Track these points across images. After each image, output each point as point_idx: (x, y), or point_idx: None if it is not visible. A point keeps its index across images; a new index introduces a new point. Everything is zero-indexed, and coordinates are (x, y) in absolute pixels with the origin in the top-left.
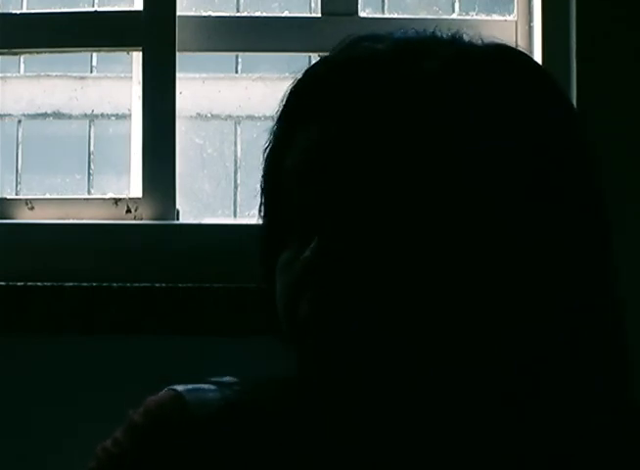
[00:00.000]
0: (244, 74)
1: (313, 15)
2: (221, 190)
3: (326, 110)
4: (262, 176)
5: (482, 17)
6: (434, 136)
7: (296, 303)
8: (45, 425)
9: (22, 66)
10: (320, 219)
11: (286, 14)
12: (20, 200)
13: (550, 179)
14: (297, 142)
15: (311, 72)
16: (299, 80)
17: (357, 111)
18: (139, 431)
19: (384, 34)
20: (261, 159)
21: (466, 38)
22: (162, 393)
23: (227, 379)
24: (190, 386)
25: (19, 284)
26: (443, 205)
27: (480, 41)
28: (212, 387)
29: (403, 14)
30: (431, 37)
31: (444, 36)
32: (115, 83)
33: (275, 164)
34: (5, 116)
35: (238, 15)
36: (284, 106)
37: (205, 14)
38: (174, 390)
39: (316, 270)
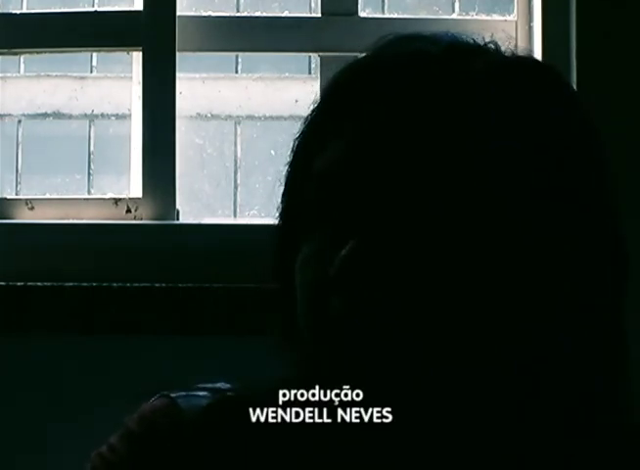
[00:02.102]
0: (244, 74)
1: (313, 15)
2: (221, 190)
3: (370, 107)
4: (288, 167)
5: (482, 17)
6: (475, 140)
7: (324, 299)
8: (45, 425)
9: (22, 66)
10: (358, 219)
11: (286, 14)
12: (20, 200)
13: (560, 182)
14: (335, 138)
15: (355, 68)
16: (342, 74)
17: (404, 110)
18: (134, 438)
19: (432, 35)
20: (262, 158)
21: (502, 47)
22: (156, 399)
23: (220, 385)
24: (183, 392)
25: (19, 284)
26: (469, 207)
27: (514, 50)
28: (207, 393)
29: (403, 14)
30: (475, 42)
31: (484, 43)
32: (115, 83)
33: (307, 159)
34: (5, 116)
35: (238, 15)
36: (323, 100)
37: (205, 14)
38: (168, 396)
39: (353, 270)
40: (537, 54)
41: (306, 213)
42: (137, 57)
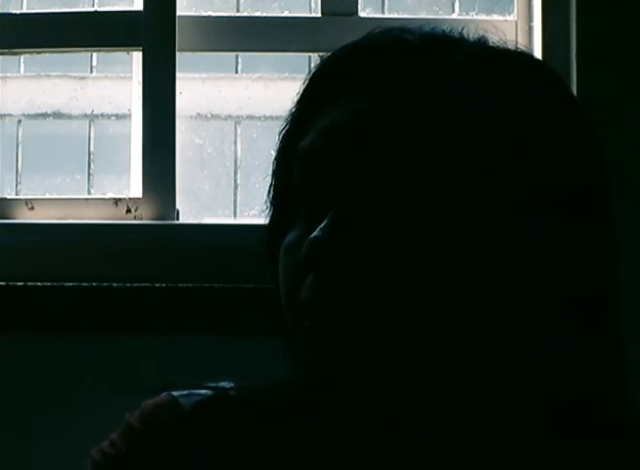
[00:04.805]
0: (244, 74)
1: (313, 15)
2: (221, 190)
3: (347, 93)
4: (275, 159)
5: (482, 17)
6: (451, 126)
7: (298, 284)
8: (45, 425)
9: (22, 66)
10: (331, 202)
11: (286, 14)
12: (20, 200)
13: (556, 183)
14: (314, 124)
15: (335, 57)
16: (322, 64)
17: (383, 94)
18: (136, 434)
19: (413, 27)
20: (262, 158)
21: (490, 40)
22: (159, 397)
23: (224, 383)
24: (186, 391)
25: (19, 284)
26: (451, 198)
27: (503, 44)
28: (209, 392)
29: (403, 14)
30: (459, 35)
31: (471, 35)
32: (115, 83)
33: (290, 146)
34: (5, 116)
35: (238, 15)
36: (304, 89)
37: (205, 14)
38: (171, 394)
39: (324, 250)
40: (537, 54)
41: (292, 203)
42: (137, 57)
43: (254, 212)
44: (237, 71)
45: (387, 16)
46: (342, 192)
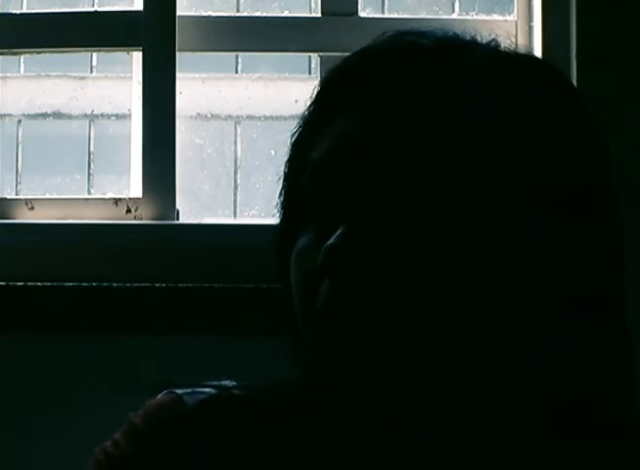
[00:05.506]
0: (244, 74)
1: (313, 15)
2: (221, 190)
3: (362, 99)
4: (286, 163)
5: (482, 17)
6: (460, 131)
7: (313, 289)
8: (45, 425)
9: (22, 66)
10: (347, 208)
11: (286, 14)
12: (20, 200)
13: (559, 184)
14: (329, 131)
15: (348, 63)
16: (335, 70)
17: (395, 102)
18: (139, 434)
19: (425, 31)
20: (262, 158)
21: (502, 44)
22: (162, 395)
23: (226, 382)
24: (189, 389)
25: (19, 284)
26: (461, 203)
27: (514, 46)
28: (212, 390)
29: (403, 14)
30: (471, 38)
31: (483, 39)
32: (115, 83)
33: (303, 152)
34: (5, 116)
35: (238, 15)
36: (317, 94)
37: (205, 14)
38: (174, 392)
39: (340, 256)
40: (537, 54)
41: (302, 208)
42: (137, 57)
43: (254, 212)
44: (237, 71)
45: (387, 16)
46: (355, 200)
